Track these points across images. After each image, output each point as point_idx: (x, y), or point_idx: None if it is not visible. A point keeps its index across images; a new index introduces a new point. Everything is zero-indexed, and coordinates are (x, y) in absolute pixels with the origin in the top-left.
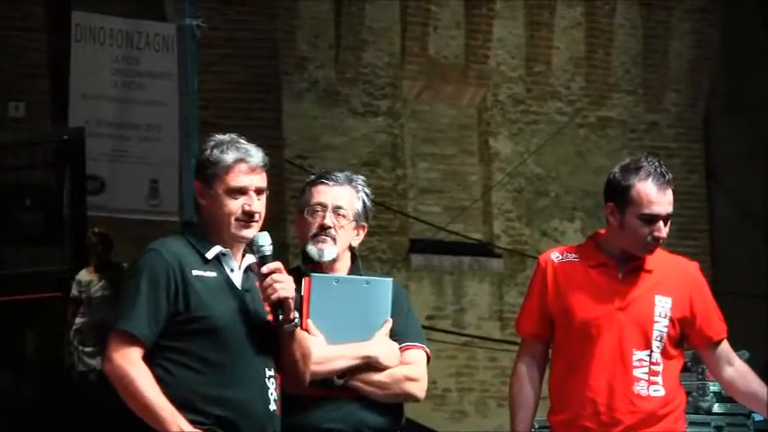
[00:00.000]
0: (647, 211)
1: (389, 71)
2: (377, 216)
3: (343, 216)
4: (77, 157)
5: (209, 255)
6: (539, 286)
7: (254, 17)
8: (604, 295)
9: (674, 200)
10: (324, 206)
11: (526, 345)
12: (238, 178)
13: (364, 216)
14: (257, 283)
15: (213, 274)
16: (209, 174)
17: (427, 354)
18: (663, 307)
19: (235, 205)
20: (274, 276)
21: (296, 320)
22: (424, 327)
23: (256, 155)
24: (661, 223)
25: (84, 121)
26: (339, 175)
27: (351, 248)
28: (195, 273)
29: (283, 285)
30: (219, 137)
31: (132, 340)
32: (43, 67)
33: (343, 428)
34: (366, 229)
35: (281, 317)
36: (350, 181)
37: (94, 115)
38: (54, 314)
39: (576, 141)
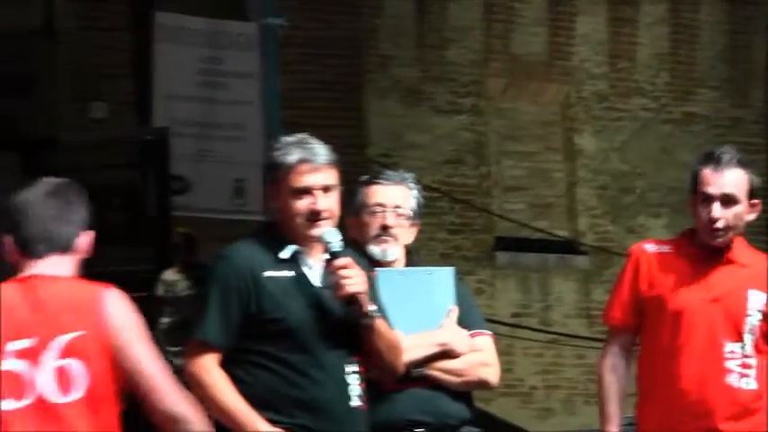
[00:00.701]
0: (701, 190)
1: (473, 69)
2: (461, 214)
3: (402, 215)
4: (161, 157)
5: (284, 255)
6: (630, 275)
7: (337, 16)
8: (697, 286)
9: (759, 195)
10: (383, 206)
11: (614, 335)
12: (302, 178)
13: (417, 214)
14: None
15: (288, 273)
16: (274, 176)
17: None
18: (756, 302)
19: (301, 205)
20: (343, 272)
21: (372, 314)
22: (509, 325)
23: (321, 153)
24: (715, 205)
25: (167, 122)
26: (392, 174)
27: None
28: (267, 274)
29: (354, 280)
30: (286, 138)
31: (206, 347)
32: (126, 67)
33: (430, 420)
34: (419, 227)
35: (354, 312)
36: (403, 180)
37: (178, 115)
38: (141, 313)
39: (661, 137)
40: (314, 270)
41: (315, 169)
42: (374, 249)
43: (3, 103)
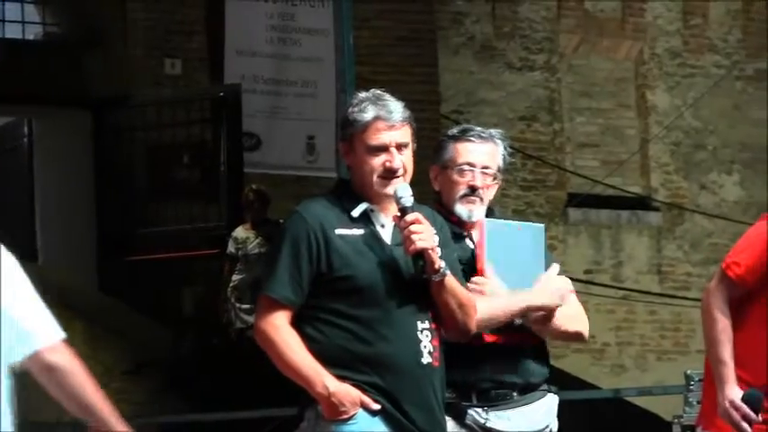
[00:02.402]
0: None
1: (546, 25)
2: (533, 170)
3: (490, 176)
4: (234, 113)
5: (356, 212)
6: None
7: None
8: None
9: None
10: (472, 165)
11: (731, 287)
12: (377, 136)
13: (503, 171)
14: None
15: (359, 231)
16: (349, 133)
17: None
18: None
19: (376, 162)
20: (412, 228)
21: (441, 270)
22: (581, 281)
23: (396, 110)
24: None
25: (239, 78)
26: (483, 132)
27: None
28: (339, 232)
29: (422, 236)
30: (362, 94)
31: (276, 304)
32: (199, 23)
33: (516, 380)
34: (501, 184)
35: (420, 267)
36: (492, 137)
37: (250, 72)
38: (211, 271)
39: (733, 94)
40: (386, 228)
41: (390, 126)
42: (460, 209)
43: (73, 59)
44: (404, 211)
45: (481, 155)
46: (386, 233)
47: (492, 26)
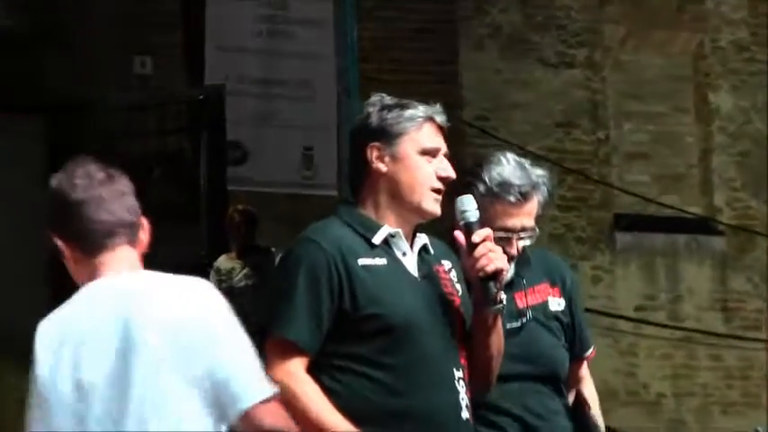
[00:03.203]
0: None
1: (587, 14)
2: (574, 187)
3: (530, 230)
4: (216, 120)
5: (377, 239)
6: None
7: None
8: None
9: None
10: (509, 231)
11: None
12: (432, 138)
13: (543, 207)
14: (437, 267)
15: (383, 261)
16: (393, 132)
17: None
18: None
19: (429, 169)
20: (488, 245)
21: (503, 301)
22: (631, 320)
23: (442, 112)
24: None
25: (223, 78)
26: (524, 187)
27: None
28: (362, 262)
29: (497, 255)
30: (386, 99)
31: (292, 349)
32: (174, 14)
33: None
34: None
35: (493, 293)
36: (536, 189)
37: (235, 71)
38: None
39: None
40: (408, 257)
41: (440, 129)
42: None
43: (28, 57)
44: (469, 227)
45: (520, 218)
46: (409, 263)
47: (522, 15)
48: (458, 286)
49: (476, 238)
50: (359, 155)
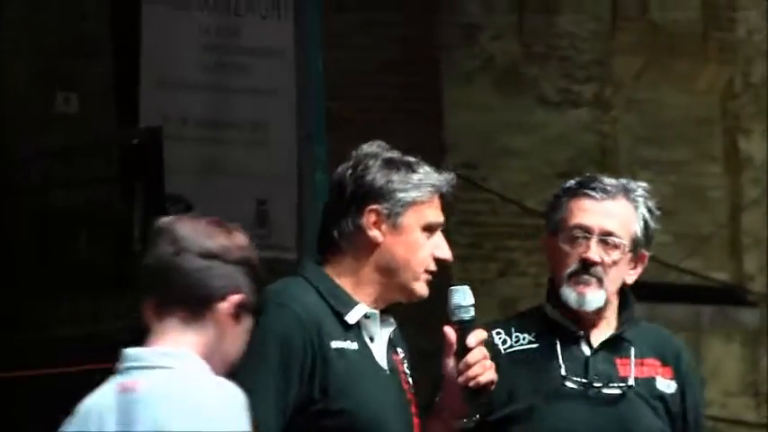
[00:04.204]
0: None
1: (596, 43)
2: None
3: (615, 246)
4: (153, 168)
5: (351, 318)
6: None
7: None
8: None
9: None
10: (587, 230)
11: None
12: (438, 212)
13: (645, 242)
14: (395, 357)
15: (354, 345)
16: (400, 199)
17: None
18: None
19: (428, 248)
20: (484, 350)
21: (477, 417)
22: None
23: (453, 182)
24: None
25: (161, 120)
26: (612, 184)
27: (624, 287)
28: (335, 345)
29: (489, 364)
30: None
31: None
32: (104, 42)
33: None
34: (647, 260)
35: (475, 406)
36: (626, 192)
37: (176, 110)
38: None
39: None
40: (376, 344)
41: (441, 197)
42: (567, 293)
43: None
44: (463, 326)
45: (602, 216)
46: (377, 351)
47: (519, 44)
48: (410, 381)
49: (471, 341)
50: (349, 214)
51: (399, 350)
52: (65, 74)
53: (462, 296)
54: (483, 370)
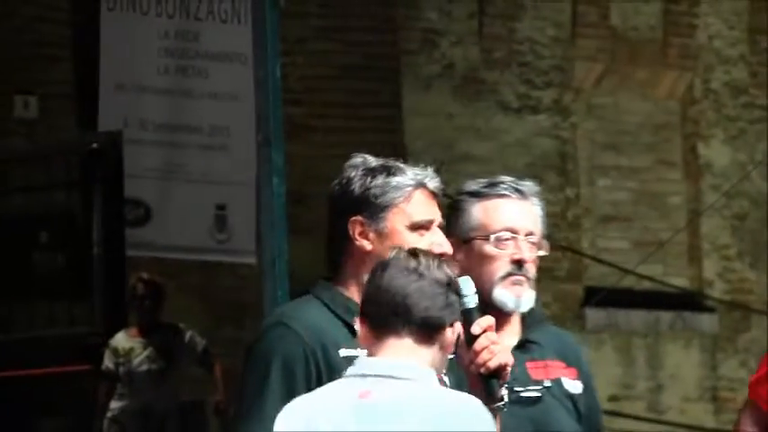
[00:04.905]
0: None
1: (556, 49)
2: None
3: (534, 245)
4: (112, 173)
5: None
6: None
7: None
8: None
9: None
10: (514, 231)
11: (755, 412)
12: (423, 208)
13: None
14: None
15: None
16: (379, 204)
17: None
18: None
19: (422, 246)
20: (491, 336)
21: (505, 399)
22: (605, 412)
23: (435, 177)
24: None
25: (120, 123)
26: (519, 184)
27: None
28: (343, 353)
29: (500, 348)
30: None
31: None
32: (64, 47)
33: None
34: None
35: (495, 390)
36: (533, 192)
37: (135, 114)
38: (81, 394)
39: None
40: None
41: (433, 196)
42: (503, 295)
43: None
44: (467, 315)
45: (524, 216)
46: None
47: (479, 49)
48: None
49: (476, 328)
50: (338, 227)
51: None
52: (24, 78)
53: (464, 286)
54: (491, 355)
